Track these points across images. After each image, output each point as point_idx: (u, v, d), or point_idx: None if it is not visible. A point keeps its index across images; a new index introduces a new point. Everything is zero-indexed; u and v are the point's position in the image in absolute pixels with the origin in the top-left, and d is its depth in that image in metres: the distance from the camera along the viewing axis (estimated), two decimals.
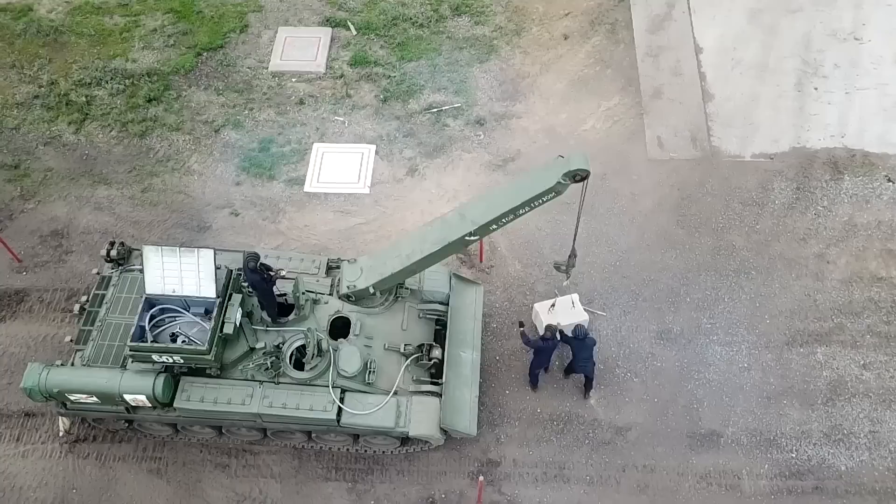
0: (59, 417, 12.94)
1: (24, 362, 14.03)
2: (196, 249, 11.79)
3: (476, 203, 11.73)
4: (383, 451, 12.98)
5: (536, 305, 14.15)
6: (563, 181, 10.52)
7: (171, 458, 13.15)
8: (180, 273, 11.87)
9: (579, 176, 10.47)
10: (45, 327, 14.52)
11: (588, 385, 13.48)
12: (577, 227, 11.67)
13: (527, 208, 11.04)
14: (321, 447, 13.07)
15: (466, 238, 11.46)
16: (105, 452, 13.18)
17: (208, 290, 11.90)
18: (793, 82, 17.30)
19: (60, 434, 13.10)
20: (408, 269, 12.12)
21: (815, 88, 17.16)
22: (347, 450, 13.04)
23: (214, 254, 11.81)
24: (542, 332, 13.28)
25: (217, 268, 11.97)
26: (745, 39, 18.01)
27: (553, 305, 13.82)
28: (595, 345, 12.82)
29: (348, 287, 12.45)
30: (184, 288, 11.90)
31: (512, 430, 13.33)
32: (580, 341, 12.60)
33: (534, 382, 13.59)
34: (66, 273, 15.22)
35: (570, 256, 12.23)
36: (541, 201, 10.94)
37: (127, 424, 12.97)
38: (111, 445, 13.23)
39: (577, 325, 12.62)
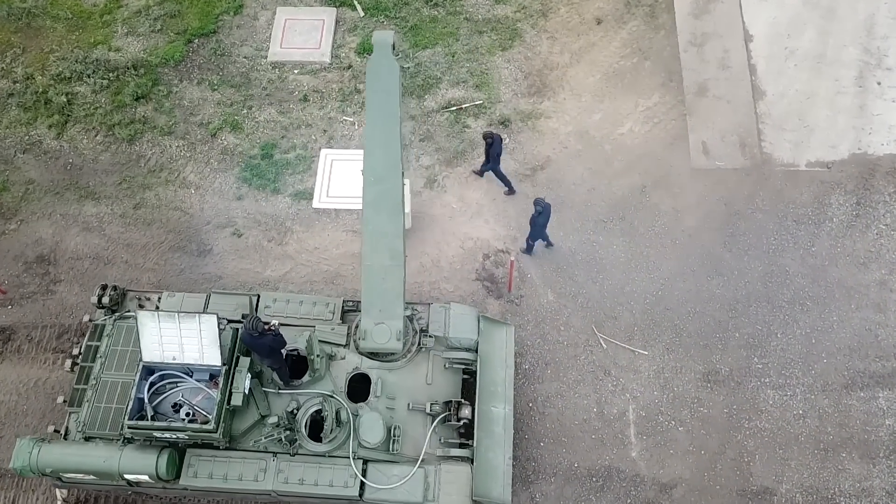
0: (56, 489, 11.90)
1: (14, 411, 13.11)
2: (197, 315, 10.50)
3: (370, 157, 11.62)
4: None
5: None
6: (396, 56, 12.09)
7: None
8: (180, 340, 10.65)
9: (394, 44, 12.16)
10: (36, 370, 13.34)
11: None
12: None
13: (401, 106, 11.89)
14: None
15: (404, 183, 11.74)
16: None
17: (213, 358, 10.72)
18: (853, 75, 15.49)
19: (58, 503, 12.10)
20: (405, 258, 11.48)
21: (878, 83, 15.38)
22: None
23: (218, 319, 10.53)
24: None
25: (221, 329, 10.74)
26: (800, 24, 16.07)
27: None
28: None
29: (399, 339, 11.24)
30: (185, 356, 10.73)
31: (547, 487, 12.32)
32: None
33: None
34: (56, 306, 13.91)
35: None
36: (402, 90, 12.14)
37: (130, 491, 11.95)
38: None
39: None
